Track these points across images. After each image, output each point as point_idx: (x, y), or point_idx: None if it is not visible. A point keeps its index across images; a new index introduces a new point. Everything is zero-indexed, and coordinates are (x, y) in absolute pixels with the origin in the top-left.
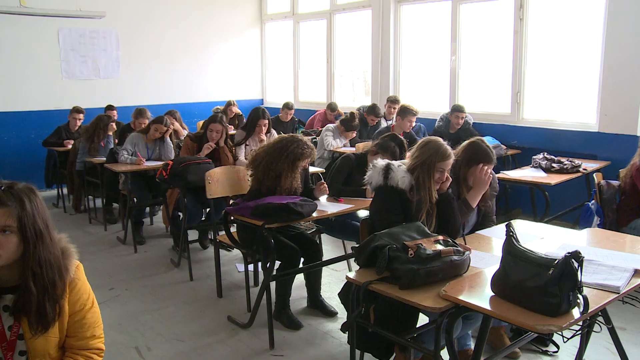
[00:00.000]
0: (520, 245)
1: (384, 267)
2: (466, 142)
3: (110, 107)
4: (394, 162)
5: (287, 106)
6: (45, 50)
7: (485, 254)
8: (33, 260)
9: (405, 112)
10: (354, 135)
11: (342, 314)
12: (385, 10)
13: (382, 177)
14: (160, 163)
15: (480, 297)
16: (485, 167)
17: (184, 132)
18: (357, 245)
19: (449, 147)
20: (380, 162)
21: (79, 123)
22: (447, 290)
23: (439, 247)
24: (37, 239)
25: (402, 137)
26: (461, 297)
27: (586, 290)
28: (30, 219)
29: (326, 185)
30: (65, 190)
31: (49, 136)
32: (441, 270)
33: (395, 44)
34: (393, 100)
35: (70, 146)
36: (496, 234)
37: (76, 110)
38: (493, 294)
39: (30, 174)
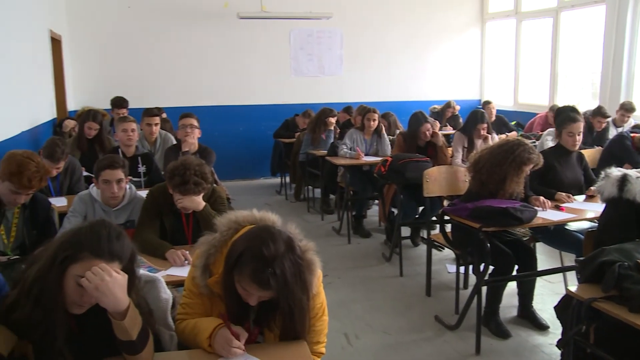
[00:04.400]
0: None
1: (612, 285)
2: None
3: (347, 109)
4: (630, 172)
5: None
6: (278, 50)
7: None
8: (288, 306)
9: None
10: None
11: (554, 329)
12: (622, 6)
13: (616, 188)
14: (376, 158)
15: None
16: None
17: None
18: (581, 258)
19: None
20: (615, 171)
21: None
22: None
23: None
24: (294, 304)
25: None
26: None
27: None
28: (289, 292)
29: (544, 201)
30: (287, 179)
31: (279, 128)
32: None
33: (632, 42)
34: (629, 108)
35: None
36: None
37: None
38: None
39: (258, 162)
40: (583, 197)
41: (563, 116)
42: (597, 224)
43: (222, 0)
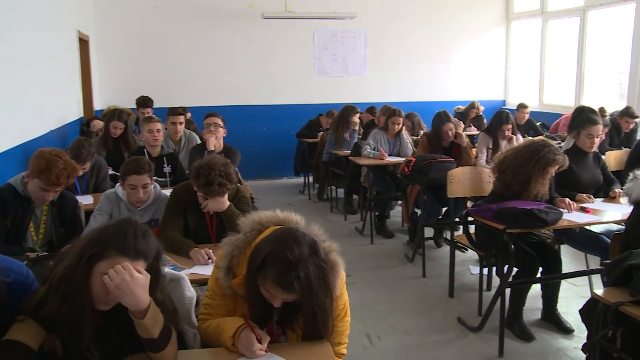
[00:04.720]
0: None
1: None
2: None
3: (370, 109)
4: None
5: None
6: (302, 50)
7: None
8: (312, 309)
9: None
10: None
11: (579, 332)
12: None
13: None
14: (400, 159)
15: None
16: None
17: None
18: (608, 261)
19: None
20: None
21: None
22: None
23: None
24: (318, 306)
25: None
26: None
27: None
28: (313, 295)
29: (570, 203)
30: (310, 179)
31: (302, 128)
32: None
33: None
34: None
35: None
36: None
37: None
38: None
39: (281, 162)
40: (601, 198)
41: (582, 117)
42: (623, 226)
43: (247, 0)
